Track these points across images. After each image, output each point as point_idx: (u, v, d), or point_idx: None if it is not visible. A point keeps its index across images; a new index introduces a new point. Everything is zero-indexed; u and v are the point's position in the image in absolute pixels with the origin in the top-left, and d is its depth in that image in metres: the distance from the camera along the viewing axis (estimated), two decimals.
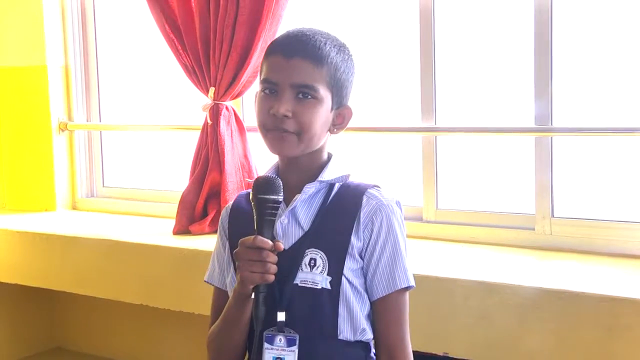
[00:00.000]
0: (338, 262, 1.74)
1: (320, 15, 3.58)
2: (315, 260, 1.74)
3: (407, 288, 1.79)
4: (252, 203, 1.70)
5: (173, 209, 3.62)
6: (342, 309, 1.74)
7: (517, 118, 3.18)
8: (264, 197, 1.68)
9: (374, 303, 1.78)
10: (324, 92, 1.75)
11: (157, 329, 4.01)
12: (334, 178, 1.80)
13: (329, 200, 1.79)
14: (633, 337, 2.37)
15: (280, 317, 1.73)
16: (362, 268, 1.77)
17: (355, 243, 1.75)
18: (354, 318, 1.75)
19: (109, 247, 3.52)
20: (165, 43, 3.63)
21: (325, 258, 1.74)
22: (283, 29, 1.88)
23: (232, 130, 3.52)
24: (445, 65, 3.28)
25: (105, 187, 4.30)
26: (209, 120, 3.52)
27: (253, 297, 1.68)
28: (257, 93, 1.80)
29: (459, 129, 3.31)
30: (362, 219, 1.76)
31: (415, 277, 1.83)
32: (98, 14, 4.24)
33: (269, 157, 1.86)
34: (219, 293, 1.90)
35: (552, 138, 3.05)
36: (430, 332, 2.63)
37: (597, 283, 2.55)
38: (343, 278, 1.74)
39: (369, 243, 1.76)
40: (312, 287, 1.73)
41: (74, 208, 4.28)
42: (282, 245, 1.69)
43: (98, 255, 3.56)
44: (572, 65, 3.04)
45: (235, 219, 1.88)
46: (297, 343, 1.73)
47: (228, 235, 1.89)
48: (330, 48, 1.76)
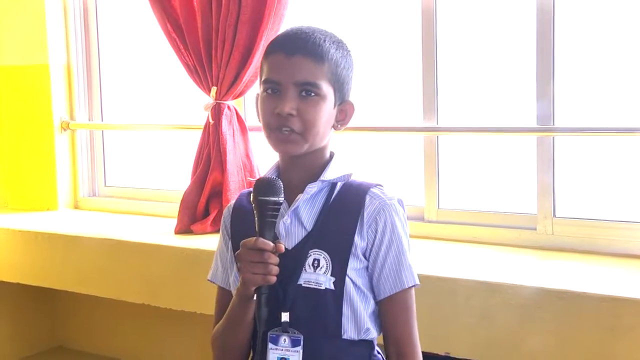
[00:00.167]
0: (341, 262, 1.74)
1: (323, 15, 3.58)
2: (319, 261, 1.74)
3: (412, 286, 1.79)
4: (252, 205, 1.70)
5: (175, 209, 3.61)
6: (345, 309, 1.73)
7: (519, 118, 3.18)
8: (265, 199, 1.68)
9: (381, 302, 1.78)
10: (327, 88, 1.75)
11: (158, 328, 4.01)
12: (336, 177, 1.80)
13: (332, 200, 1.78)
14: (635, 337, 2.37)
15: (284, 317, 1.72)
16: (365, 267, 1.77)
17: (359, 243, 1.75)
18: (358, 317, 1.75)
19: (111, 246, 3.52)
20: (167, 42, 3.63)
21: (329, 259, 1.74)
22: (285, 28, 1.88)
23: (234, 130, 3.52)
24: (447, 65, 3.28)
25: (107, 186, 4.30)
26: (211, 120, 3.51)
27: (255, 298, 1.68)
28: (258, 94, 1.80)
29: (461, 129, 3.31)
30: (365, 219, 1.76)
31: (417, 276, 1.83)
32: (100, 13, 4.24)
33: (271, 156, 1.86)
34: (223, 292, 1.90)
35: (554, 138, 3.04)
36: (432, 331, 2.63)
37: (599, 283, 2.55)
38: (346, 278, 1.73)
39: (374, 243, 1.76)
40: (315, 287, 1.72)
41: (76, 207, 4.28)
42: (283, 247, 1.69)
43: (100, 255, 3.56)
44: (574, 65, 3.04)
45: (237, 218, 1.88)
46: (301, 343, 1.73)
47: (230, 234, 1.88)
48: (330, 44, 1.76)
